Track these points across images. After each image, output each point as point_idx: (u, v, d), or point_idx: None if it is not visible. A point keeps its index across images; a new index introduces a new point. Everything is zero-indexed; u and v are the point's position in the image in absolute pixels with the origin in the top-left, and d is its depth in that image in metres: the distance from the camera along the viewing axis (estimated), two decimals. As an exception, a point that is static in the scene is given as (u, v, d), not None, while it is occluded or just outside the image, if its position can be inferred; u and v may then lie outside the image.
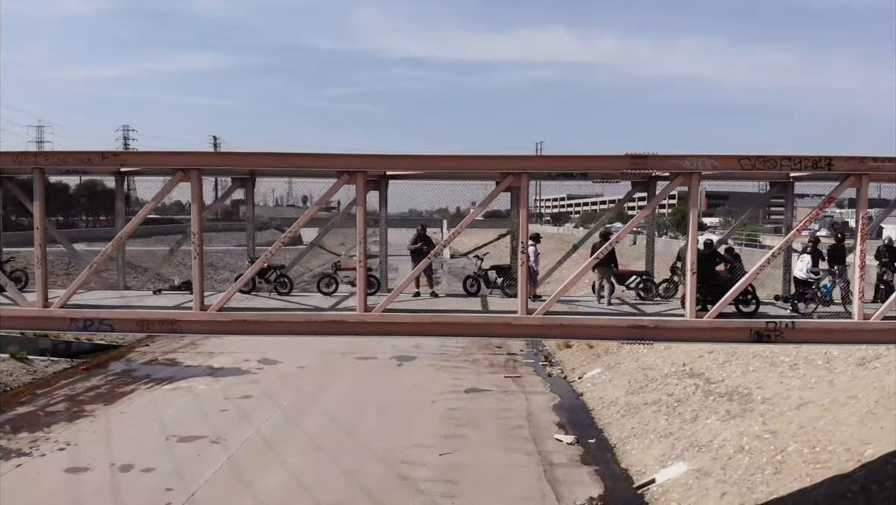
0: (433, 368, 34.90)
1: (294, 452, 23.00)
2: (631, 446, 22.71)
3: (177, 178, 12.44)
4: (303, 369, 34.56)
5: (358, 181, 12.04)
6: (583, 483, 20.59)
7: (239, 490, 20.05)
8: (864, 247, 12.27)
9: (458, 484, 20.46)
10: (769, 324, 11.72)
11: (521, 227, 11.88)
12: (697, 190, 11.63)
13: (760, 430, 20.06)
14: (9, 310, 13.03)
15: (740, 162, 11.56)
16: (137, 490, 19.98)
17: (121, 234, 13.00)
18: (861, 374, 21.36)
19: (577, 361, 34.77)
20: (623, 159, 11.70)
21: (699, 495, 18.21)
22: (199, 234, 12.38)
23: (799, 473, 17.44)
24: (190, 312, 12.58)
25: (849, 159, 11.64)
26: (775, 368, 23.82)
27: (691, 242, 11.75)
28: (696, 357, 27.77)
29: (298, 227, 12.71)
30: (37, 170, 12.59)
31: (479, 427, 25.62)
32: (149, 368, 35.52)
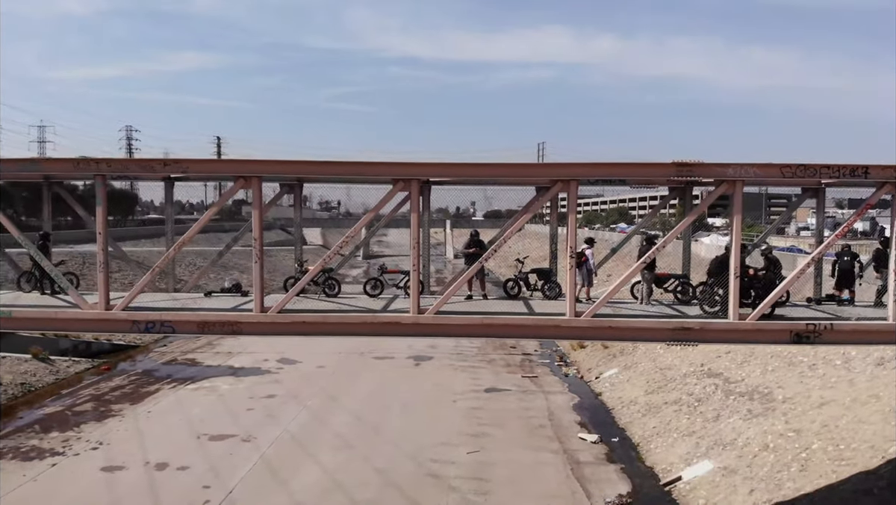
0: (451, 368, 35.41)
1: (325, 451, 23.47)
2: (654, 445, 23.21)
3: (238, 184, 12.93)
4: (322, 369, 35.07)
5: (412, 188, 12.54)
6: (610, 481, 21.09)
7: (274, 488, 20.52)
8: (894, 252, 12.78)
9: (488, 482, 20.96)
10: (809, 325, 12.23)
11: (571, 233, 12.37)
12: (741, 197, 12.13)
13: (784, 428, 20.56)
14: (71, 312, 13.53)
15: (781, 170, 12.07)
16: (175, 488, 20.44)
17: (182, 240, 13.48)
18: (881, 373, 21.86)
19: (592, 362, 35.27)
20: (669, 167, 12.21)
21: (727, 492, 18.71)
22: (259, 238, 12.87)
23: (825, 470, 17.94)
24: (250, 314, 13.06)
25: (886, 168, 12.15)
26: (794, 368, 24.33)
27: (735, 248, 12.25)
28: (714, 357, 28.28)
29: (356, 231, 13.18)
30: (98, 177, 13.07)
31: (502, 426, 26.11)
32: (169, 367, 36.00)
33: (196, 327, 13.50)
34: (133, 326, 13.29)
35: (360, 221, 13.25)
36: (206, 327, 13.41)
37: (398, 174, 12.66)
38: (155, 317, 13.24)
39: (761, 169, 12.01)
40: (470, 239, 15.31)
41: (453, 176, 13.41)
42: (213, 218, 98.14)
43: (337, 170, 13.56)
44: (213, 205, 15.58)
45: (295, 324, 13.10)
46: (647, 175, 13.05)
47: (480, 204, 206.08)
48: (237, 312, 13.53)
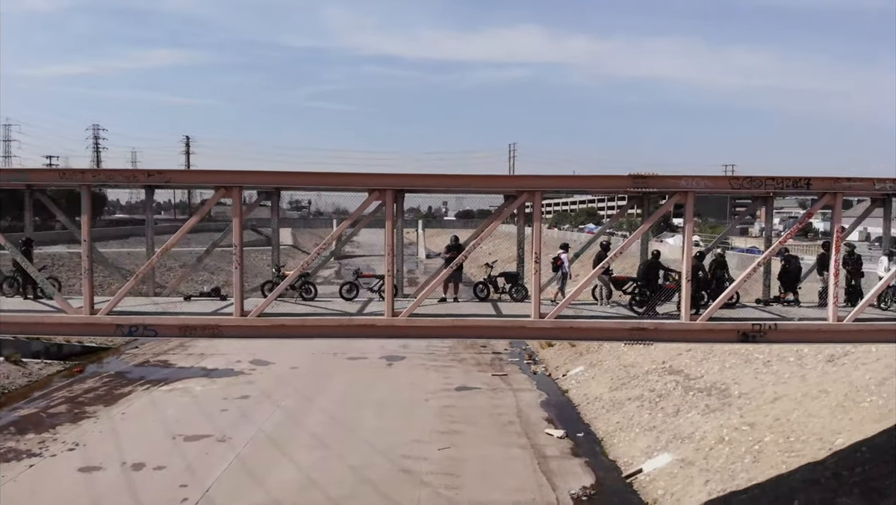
0: (423, 368, 36.15)
1: (300, 450, 24.06)
2: (617, 439, 24.23)
3: (219, 194, 13.51)
4: (296, 370, 35.56)
5: (387, 197, 13.24)
6: (575, 474, 22.04)
7: (251, 486, 21.07)
8: (839, 256, 13.84)
9: (459, 477, 21.75)
10: (754, 326, 13.19)
11: (536, 240, 13.18)
12: (692, 207, 13.06)
13: (739, 422, 21.70)
14: (57, 317, 13.97)
15: (730, 182, 13.06)
16: (152, 487, 20.89)
17: (167, 245, 13.97)
18: (831, 370, 23.13)
19: (560, 360, 36.30)
20: (626, 179, 13.10)
21: (684, 483, 19.75)
22: (239, 246, 13.45)
23: (776, 461, 19.06)
24: (231, 317, 13.63)
25: (825, 179, 13.18)
26: (750, 365, 25.55)
27: (686, 253, 13.17)
28: (675, 355, 29.45)
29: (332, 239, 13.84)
30: (84, 186, 13.55)
31: (473, 423, 26.94)
32: (142, 369, 36.21)
33: (178, 331, 14.03)
34: (117, 329, 13.75)
35: (336, 230, 13.90)
36: (188, 330, 13.94)
37: (373, 184, 13.36)
38: (138, 320, 13.73)
39: (711, 181, 12.96)
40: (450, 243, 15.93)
41: (426, 186, 14.13)
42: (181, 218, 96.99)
43: (315, 180, 14.22)
44: (195, 213, 15.90)
45: (274, 327, 13.69)
46: (605, 186, 13.93)
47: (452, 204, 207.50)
48: (218, 316, 14.09)
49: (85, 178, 13.63)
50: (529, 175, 13.70)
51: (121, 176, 13.63)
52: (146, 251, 16.33)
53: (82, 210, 13.59)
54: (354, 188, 14.23)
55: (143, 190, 15.39)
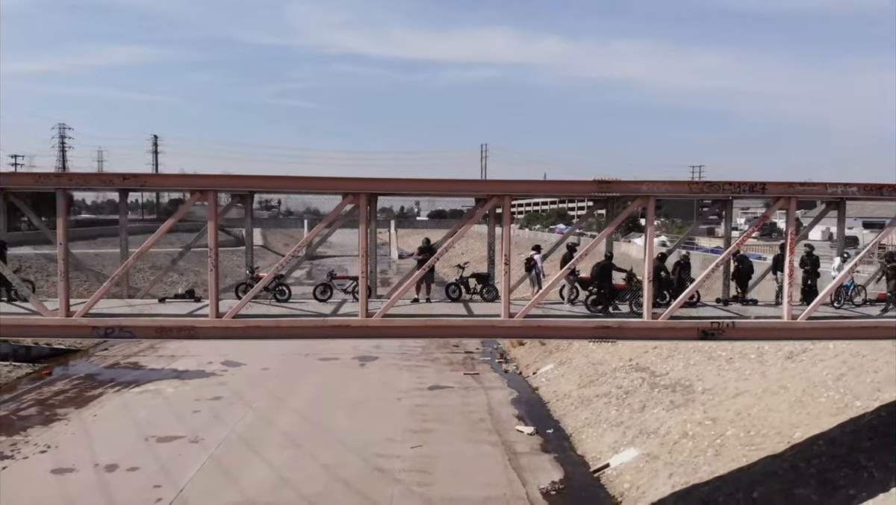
0: (396, 368, 36.49)
1: (272, 450, 24.25)
2: (586, 435, 24.85)
3: (195, 197, 13.77)
4: (267, 371, 35.65)
5: (361, 201, 13.62)
6: (544, 469, 22.58)
7: (225, 485, 21.23)
8: (793, 257, 14.54)
9: (431, 474, 22.15)
10: (713, 324, 13.83)
11: (505, 242, 13.65)
12: (653, 210, 13.64)
13: (702, 417, 22.43)
14: (33, 319, 14.10)
15: (689, 187, 13.65)
16: (126, 488, 20.94)
17: (142, 248, 14.18)
18: (790, 366, 23.97)
19: (530, 358, 36.91)
20: (591, 184, 13.64)
21: (650, 477, 20.39)
22: (215, 248, 13.72)
23: (736, 454, 19.78)
24: (206, 319, 13.90)
25: (779, 184, 13.87)
26: (714, 362, 26.35)
27: (648, 256, 13.75)
28: (642, 352, 30.19)
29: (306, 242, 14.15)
30: (59, 190, 13.70)
31: (445, 421, 27.37)
32: (112, 371, 36.01)
33: (154, 332, 14.29)
34: (93, 331, 13.96)
35: (311, 233, 14.23)
36: (164, 332, 14.20)
37: (348, 188, 13.72)
38: (114, 322, 13.94)
39: (671, 185, 13.56)
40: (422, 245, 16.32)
41: (400, 190, 14.52)
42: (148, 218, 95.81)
43: (290, 184, 14.53)
44: (171, 216, 16.12)
45: (249, 328, 14.00)
46: (571, 191, 14.46)
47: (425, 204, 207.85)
48: (193, 317, 14.35)
49: (61, 182, 13.81)
50: (499, 180, 14.21)
51: (96, 179, 13.85)
52: (121, 253, 16.52)
53: (58, 213, 13.74)
54: (329, 192, 14.54)
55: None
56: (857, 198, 14.99)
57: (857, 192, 14.52)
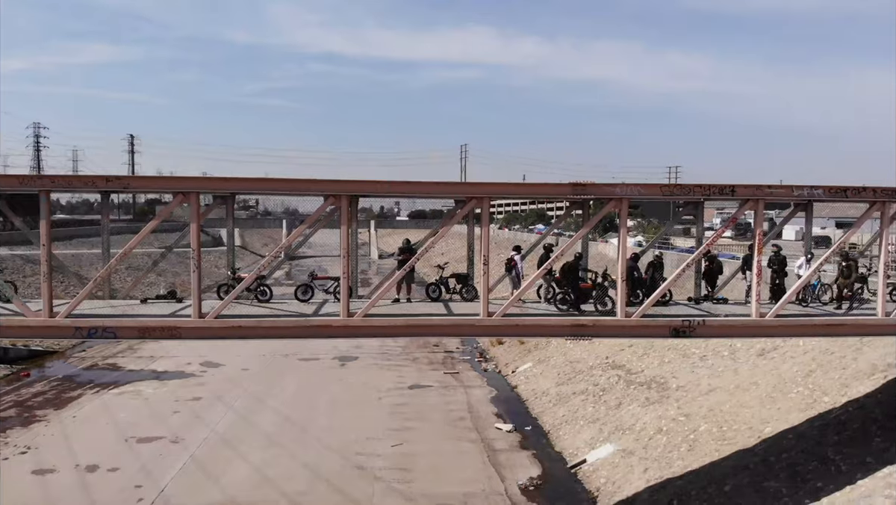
0: (376, 367, 36.73)
1: (253, 449, 24.40)
2: (563, 432, 25.31)
3: (178, 199, 13.95)
4: (247, 371, 35.72)
5: (342, 203, 13.88)
6: (523, 466, 22.99)
7: (206, 485, 21.38)
8: (761, 257, 15.04)
9: (411, 471, 22.46)
10: (684, 322, 14.29)
11: (484, 243, 13.99)
12: (626, 213, 14.06)
13: (676, 413, 22.97)
14: (16, 320, 14.18)
15: (661, 189, 14.10)
16: (108, 488, 21.03)
17: (125, 250, 14.33)
18: (761, 363, 24.62)
19: (509, 357, 37.34)
20: (566, 187, 14.04)
21: (625, 472, 20.87)
22: (198, 250, 13.89)
23: (709, 449, 20.32)
24: (189, 319, 14.07)
25: (747, 187, 14.35)
26: (688, 360, 26.95)
27: (621, 257, 14.17)
28: (618, 350, 30.74)
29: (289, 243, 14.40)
30: (43, 192, 13.80)
31: (425, 420, 27.69)
32: (91, 373, 35.88)
33: (137, 333, 14.44)
34: (76, 332, 14.07)
35: (293, 234, 14.47)
36: (147, 333, 14.37)
37: (329, 190, 13.97)
38: (98, 323, 14.04)
39: (644, 188, 14.00)
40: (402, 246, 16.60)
41: (381, 192, 14.80)
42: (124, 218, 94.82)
43: (273, 185, 14.76)
44: (148, 216, 16.28)
45: (231, 328, 14.18)
46: (548, 193, 14.85)
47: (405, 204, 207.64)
48: (176, 318, 14.51)
49: (44, 184, 13.91)
50: (478, 182, 14.54)
51: (80, 182, 13.95)
52: (103, 254, 16.62)
53: (41, 215, 13.84)
54: (311, 193, 14.79)
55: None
56: (823, 199, 15.55)
57: (823, 194, 15.06)
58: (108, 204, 16.89)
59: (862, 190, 15.17)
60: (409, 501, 20.31)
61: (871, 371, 20.47)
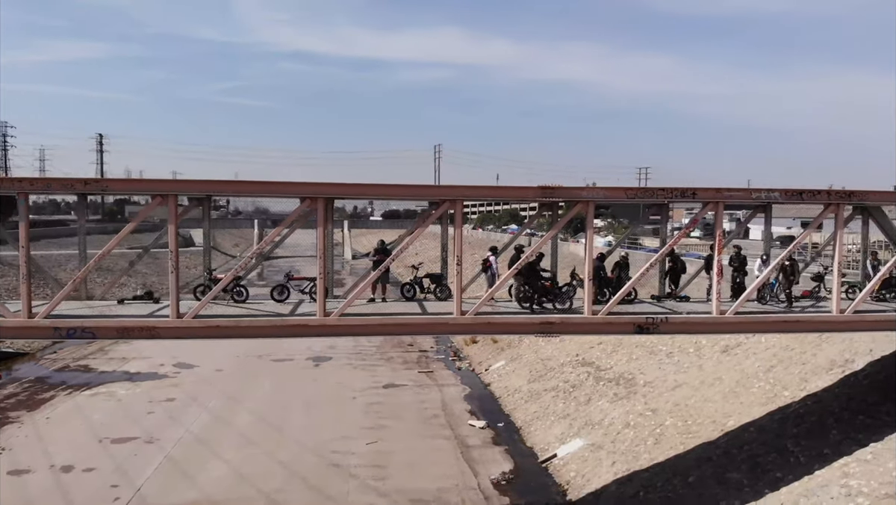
0: (350, 367, 37.03)
1: (229, 449, 24.59)
2: (535, 427, 25.91)
3: (156, 201, 14.22)
4: (221, 372, 35.81)
5: (318, 205, 14.26)
6: (495, 461, 23.53)
7: (183, 483, 21.57)
8: (721, 257, 15.72)
9: (386, 468, 22.87)
10: (648, 319, 14.91)
11: (457, 244, 14.48)
12: (592, 214, 14.63)
13: (643, 408, 23.68)
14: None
15: (626, 192, 14.69)
16: (84, 488, 21.12)
17: (104, 251, 14.53)
18: (725, 359, 25.44)
19: (483, 355, 37.90)
20: (536, 190, 14.58)
21: (594, 465, 21.51)
22: (175, 251, 14.18)
23: (674, 442, 21.03)
24: (167, 319, 14.34)
25: (707, 190, 15.02)
26: (655, 356, 27.72)
27: (588, 257, 14.74)
28: (588, 348, 31.45)
29: (265, 244, 14.73)
30: (22, 194, 13.99)
31: (399, 418, 28.10)
32: (63, 374, 35.71)
33: (115, 333, 14.65)
34: (55, 332, 14.28)
35: (269, 235, 14.80)
36: (125, 333, 14.58)
37: (306, 193, 14.35)
38: (76, 324, 14.25)
39: (609, 191, 14.61)
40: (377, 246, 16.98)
41: (357, 195, 15.23)
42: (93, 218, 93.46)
43: (250, 188, 15.09)
44: (131, 222, 16.36)
45: (209, 328, 14.47)
46: (518, 196, 15.44)
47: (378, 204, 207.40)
48: (154, 318, 14.77)
49: (22, 186, 14.08)
50: (452, 185, 15.01)
51: (58, 184, 14.13)
52: (79, 255, 16.79)
53: (20, 217, 14.03)
54: (288, 195, 15.14)
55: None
56: (780, 202, 16.27)
57: (780, 196, 15.77)
58: (84, 206, 17.08)
59: (817, 193, 15.95)
60: (383, 498, 20.71)
61: (830, 366, 21.33)
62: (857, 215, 17.61)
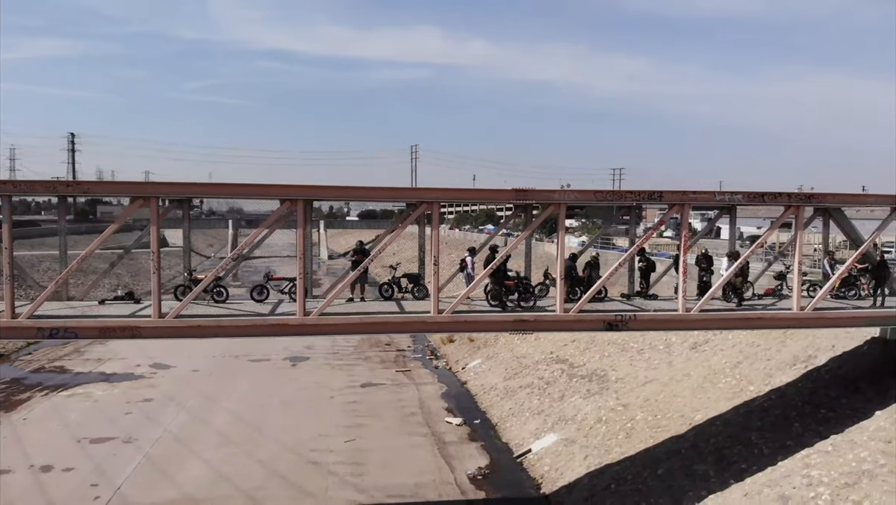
0: (328, 367, 37.33)
1: (207, 448, 24.81)
2: (510, 424, 26.49)
3: (137, 204, 14.50)
4: (197, 372, 35.92)
5: (298, 207, 14.65)
6: (472, 456, 24.06)
7: (162, 482, 21.78)
8: (687, 256, 16.37)
9: (364, 465, 23.28)
10: (617, 316, 15.51)
11: (434, 245, 14.95)
12: (564, 215, 15.20)
13: (615, 404, 24.35)
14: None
15: (595, 195, 15.29)
16: (64, 487, 21.26)
17: (86, 252, 14.78)
18: (693, 356, 26.22)
19: (460, 354, 38.43)
20: (510, 192, 15.12)
21: (567, 459, 22.11)
22: (157, 252, 14.48)
23: (644, 436, 21.69)
24: (149, 319, 14.64)
25: (674, 193, 15.66)
26: (626, 353, 28.44)
27: (560, 257, 15.30)
28: (562, 346, 32.12)
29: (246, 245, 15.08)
30: (4, 196, 14.20)
31: (377, 416, 28.51)
32: (38, 375, 35.58)
33: (98, 332, 14.92)
34: (38, 332, 14.48)
35: (250, 236, 15.17)
36: (108, 332, 14.85)
37: (286, 195, 14.73)
38: (59, 324, 14.49)
39: (580, 194, 15.23)
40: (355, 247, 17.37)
41: (336, 197, 15.63)
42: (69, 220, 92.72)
43: (231, 190, 15.43)
44: (113, 224, 16.52)
45: (191, 327, 14.79)
46: (493, 198, 15.91)
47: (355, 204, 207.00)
48: (136, 318, 15.04)
49: (5, 189, 14.29)
50: (429, 188, 15.51)
51: (41, 186, 14.35)
52: (60, 257, 16.99)
53: (3, 220, 14.23)
54: (268, 197, 15.50)
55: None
56: (742, 204, 16.97)
57: (742, 199, 16.48)
58: (64, 208, 17.27)
59: (778, 195, 16.67)
60: (362, 493, 21.11)
61: (793, 362, 22.15)
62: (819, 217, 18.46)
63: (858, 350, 21.18)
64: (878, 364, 19.87)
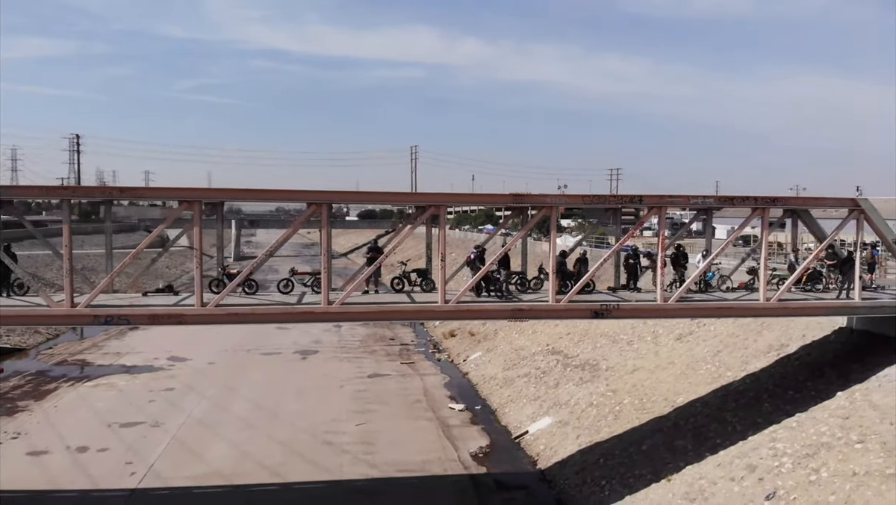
0: (336, 360, 39.43)
1: (230, 431, 26.88)
2: (509, 409, 28.60)
3: (182, 207, 16.61)
4: (213, 365, 37.96)
5: (323, 210, 16.76)
6: (473, 438, 26.17)
7: (192, 460, 23.84)
8: (665, 255, 18.48)
9: (375, 445, 25.36)
10: (602, 305, 17.63)
11: (441, 244, 17.04)
12: (556, 218, 17.32)
13: (605, 389, 26.48)
14: (42, 310, 16.61)
15: (583, 199, 17.43)
16: (101, 465, 23.28)
17: (136, 250, 16.89)
18: (678, 346, 28.32)
19: (461, 347, 40.56)
20: (508, 197, 17.31)
21: (560, 439, 24.22)
22: (199, 249, 16.58)
23: (631, 417, 23.80)
24: (193, 307, 16.74)
25: (652, 196, 17.78)
26: (616, 345, 30.56)
27: (552, 254, 17.41)
28: (557, 338, 34.25)
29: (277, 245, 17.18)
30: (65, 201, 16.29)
31: (385, 403, 30.61)
32: (62, 368, 37.60)
33: (147, 319, 17.02)
34: (94, 319, 16.58)
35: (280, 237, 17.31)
36: (156, 319, 16.96)
37: (311, 199, 16.82)
38: (113, 312, 16.59)
39: (569, 198, 17.36)
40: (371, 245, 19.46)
41: (354, 201, 17.75)
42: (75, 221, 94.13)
43: (263, 196, 17.55)
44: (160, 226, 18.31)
45: (230, 315, 16.90)
46: (492, 202, 18.05)
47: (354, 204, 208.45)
48: (181, 306, 17.15)
49: (65, 193, 16.39)
50: (436, 193, 17.65)
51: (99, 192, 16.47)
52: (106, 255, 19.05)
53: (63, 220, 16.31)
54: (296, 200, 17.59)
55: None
56: (714, 206, 19.10)
57: (714, 202, 18.61)
58: (110, 212, 19.37)
59: (746, 198, 18.79)
60: (373, 468, 23.20)
61: (768, 350, 24.25)
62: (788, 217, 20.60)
63: (826, 339, 23.32)
64: (843, 351, 22.00)
